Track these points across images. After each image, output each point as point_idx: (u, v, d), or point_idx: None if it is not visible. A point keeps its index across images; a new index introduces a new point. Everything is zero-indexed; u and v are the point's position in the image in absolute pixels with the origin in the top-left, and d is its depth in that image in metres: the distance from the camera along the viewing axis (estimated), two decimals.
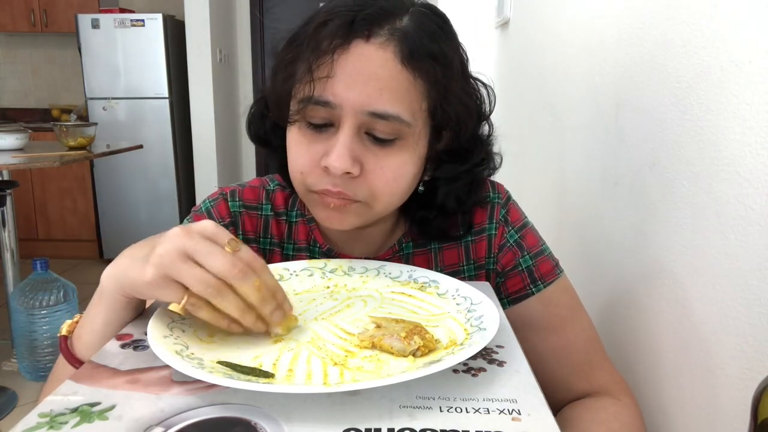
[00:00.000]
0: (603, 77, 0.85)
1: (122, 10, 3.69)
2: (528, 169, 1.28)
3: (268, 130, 0.64)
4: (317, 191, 0.56)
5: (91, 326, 0.50)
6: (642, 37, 0.71)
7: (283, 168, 0.63)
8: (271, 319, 0.45)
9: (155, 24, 3.55)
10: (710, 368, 0.55)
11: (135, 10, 3.86)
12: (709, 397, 0.55)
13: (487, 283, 0.60)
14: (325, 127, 0.55)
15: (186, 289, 0.43)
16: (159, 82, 3.62)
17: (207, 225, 0.45)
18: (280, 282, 0.58)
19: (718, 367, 0.54)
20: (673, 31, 0.63)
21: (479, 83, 0.62)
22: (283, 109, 0.58)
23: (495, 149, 0.65)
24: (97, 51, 3.57)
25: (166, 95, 3.64)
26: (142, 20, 3.55)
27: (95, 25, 3.54)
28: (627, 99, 0.75)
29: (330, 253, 0.67)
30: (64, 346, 0.52)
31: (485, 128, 0.63)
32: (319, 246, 0.67)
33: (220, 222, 0.66)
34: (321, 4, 0.56)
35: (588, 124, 0.91)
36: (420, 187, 0.62)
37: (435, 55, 0.54)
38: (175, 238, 0.43)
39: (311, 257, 0.67)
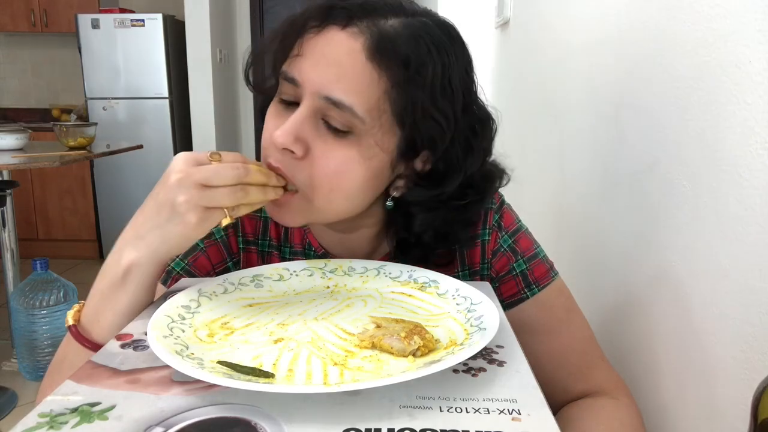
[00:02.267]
0: (603, 77, 0.85)
1: (122, 10, 3.69)
2: (528, 170, 1.28)
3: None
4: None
5: (114, 309, 0.52)
6: (642, 37, 0.71)
7: None
8: (278, 184, 0.54)
9: (155, 24, 3.55)
10: (710, 368, 0.55)
11: (135, 10, 3.86)
12: (709, 397, 0.55)
13: (487, 283, 0.60)
14: (292, 105, 0.55)
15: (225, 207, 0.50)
16: (159, 82, 3.63)
17: (185, 156, 0.50)
18: (279, 282, 0.59)
19: (718, 367, 0.54)
20: (673, 31, 0.63)
21: (481, 114, 0.59)
22: (266, 82, 0.60)
23: (501, 165, 0.63)
24: (97, 51, 3.57)
25: (166, 95, 3.64)
26: (142, 20, 3.55)
27: (95, 25, 3.54)
28: (627, 99, 0.75)
29: (325, 257, 0.67)
30: (76, 333, 0.53)
31: (478, 163, 0.59)
32: (314, 250, 0.67)
33: (218, 229, 0.67)
34: None
35: (588, 124, 0.91)
36: (388, 202, 0.60)
37: (406, 59, 0.52)
38: (181, 181, 0.49)
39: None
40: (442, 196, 0.58)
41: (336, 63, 0.52)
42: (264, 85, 0.61)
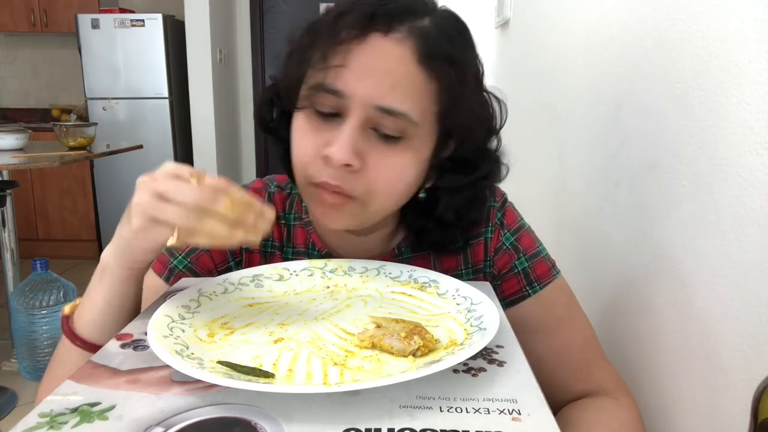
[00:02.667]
0: (603, 77, 0.85)
1: (122, 10, 3.69)
2: (528, 169, 1.28)
3: (276, 118, 0.64)
4: (316, 183, 0.55)
5: (91, 304, 0.53)
6: (642, 37, 0.71)
7: (286, 159, 0.62)
8: (258, 228, 0.48)
9: (155, 24, 3.55)
10: (710, 368, 0.55)
11: (135, 10, 3.86)
12: (709, 397, 0.55)
13: (487, 282, 0.60)
14: (332, 116, 0.54)
15: (173, 226, 0.46)
16: (159, 82, 3.62)
17: (168, 166, 0.48)
18: (279, 282, 0.59)
19: (718, 367, 0.54)
20: (673, 31, 0.63)
21: (492, 97, 0.61)
22: (293, 93, 0.57)
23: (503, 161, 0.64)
24: (97, 51, 3.57)
25: (166, 95, 3.64)
26: (142, 20, 3.55)
27: (95, 25, 3.54)
28: (627, 99, 0.75)
29: (328, 257, 0.67)
30: (65, 326, 0.54)
31: (494, 143, 0.63)
32: (317, 250, 0.67)
33: None
34: (321, 5, 0.56)
35: (588, 124, 0.91)
36: (421, 194, 0.61)
37: (452, 59, 0.53)
38: (145, 186, 0.46)
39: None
40: (473, 179, 0.61)
41: (388, 72, 0.52)
42: (291, 98, 0.58)
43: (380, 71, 0.52)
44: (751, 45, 0.49)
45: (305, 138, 0.55)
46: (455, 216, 0.62)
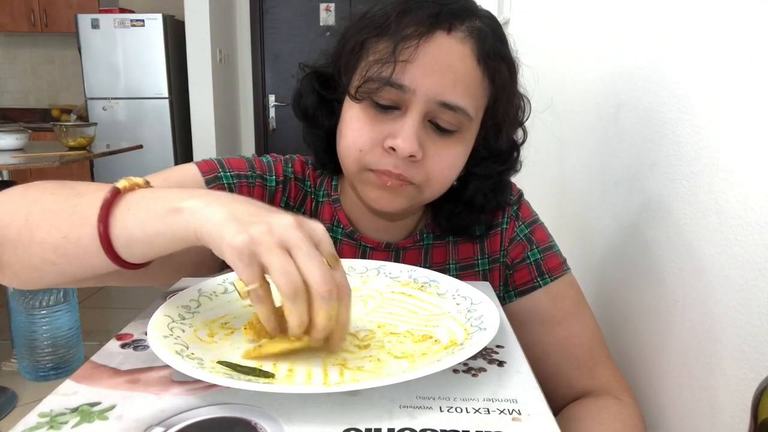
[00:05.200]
0: (603, 77, 0.85)
1: (122, 10, 3.69)
2: (528, 170, 1.28)
3: (316, 106, 0.64)
4: (376, 170, 0.57)
5: (142, 228, 0.43)
6: (642, 37, 0.71)
7: (324, 146, 0.65)
8: (313, 340, 0.40)
9: (155, 24, 3.55)
10: (710, 368, 0.55)
11: (135, 10, 3.86)
12: (709, 397, 0.55)
13: (487, 282, 0.60)
14: (391, 109, 0.56)
15: (262, 276, 0.39)
16: (159, 82, 3.63)
17: (318, 227, 0.41)
18: None
19: (718, 367, 0.54)
20: (673, 31, 0.63)
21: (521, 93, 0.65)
22: (345, 84, 0.59)
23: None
24: (97, 51, 3.57)
25: (166, 95, 3.65)
26: (142, 20, 3.56)
27: (95, 25, 3.54)
28: (627, 99, 0.75)
29: (352, 235, 0.68)
30: (104, 213, 0.44)
31: (519, 134, 0.67)
32: (342, 227, 0.68)
33: (273, 179, 0.67)
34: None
35: (588, 124, 0.91)
36: (454, 182, 0.63)
37: (505, 57, 0.58)
38: (282, 226, 0.39)
39: (333, 237, 0.67)
40: (503, 167, 0.65)
41: (451, 69, 0.54)
42: (342, 88, 0.59)
43: (444, 68, 0.54)
44: (751, 45, 0.49)
45: (364, 128, 0.57)
46: (483, 198, 0.65)
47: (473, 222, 0.67)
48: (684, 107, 0.60)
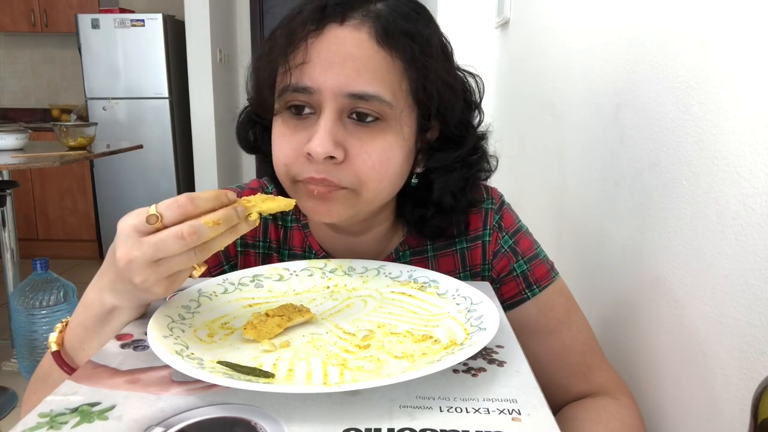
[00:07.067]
0: (603, 77, 0.85)
1: (122, 10, 3.69)
2: (528, 170, 1.28)
3: (257, 136, 0.64)
4: (303, 180, 0.55)
5: (99, 340, 0.50)
6: (642, 37, 0.71)
7: (273, 172, 0.62)
8: (243, 219, 0.47)
9: (155, 24, 3.55)
10: (710, 368, 0.55)
11: (135, 10, 3.86)
12: (709, 397, 0.55)
13: (487, 283, 0.60)
14: (307, 115, 0.54)
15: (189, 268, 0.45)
16: (159, 82, 3.62)
17: (126, 232, 0.44)
18: (279, 282, 0.59)
19: (718, 367, 0.54)
20: (673, 31, 0.63)
21: (466, 73, 0.62)
22: (267, 105, 0.58)
23: (490, 151, 0.65)
24: (97, 51, 3.57)
25: (166, 95, 3.64)
26: (142, 20, 3.55)
27: (95, 25, 3.53)
28: (627, 99, 0.75)
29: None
30: (60, 359, 0.51)
31: (476, 117, 0.63)
32: (314, 252, 0.67)
33: None
34: None
35: (588, 124, 0.91)
36: (413, 180, 0.61)
37: (411, 33, 0.54)
38: (128, 266, 0.43)
39: None
40: (461, 155, 0.61)
41: (350, 58, 0.52)
42: (267, 110, 0.59)
43: (342, 59, 0.52)
44: (751, 45, 0.49)
45: (284, 141, 0.56)
46: (453, 198, 0.62)
47: (447, 225, 0.65)
48: (684, 107, 0.60)
